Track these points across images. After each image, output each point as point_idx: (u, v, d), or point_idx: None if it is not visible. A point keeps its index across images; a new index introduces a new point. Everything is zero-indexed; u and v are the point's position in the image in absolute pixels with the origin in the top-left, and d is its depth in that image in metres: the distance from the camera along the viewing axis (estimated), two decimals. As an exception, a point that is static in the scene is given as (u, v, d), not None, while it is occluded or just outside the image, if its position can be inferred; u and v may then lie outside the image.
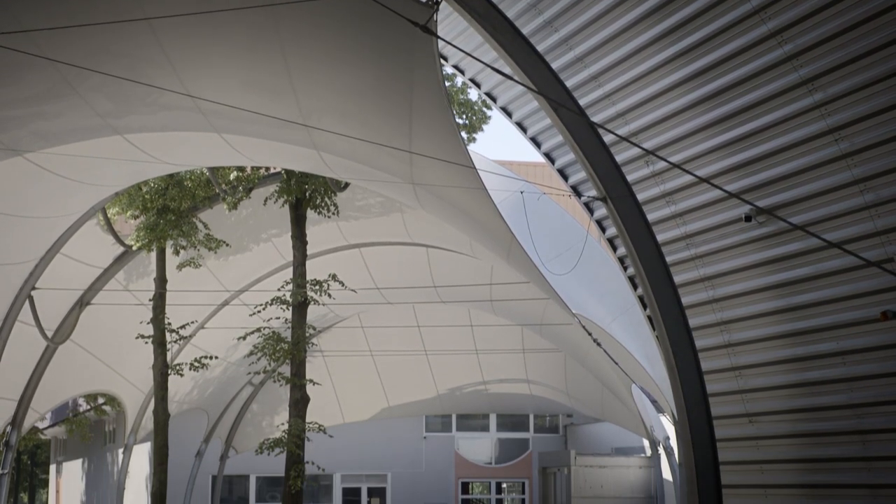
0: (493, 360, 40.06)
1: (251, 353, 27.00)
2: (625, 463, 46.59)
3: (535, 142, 19.62)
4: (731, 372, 16.37)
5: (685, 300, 16.02)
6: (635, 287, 18.58)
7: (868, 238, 13.74)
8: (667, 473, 31.61)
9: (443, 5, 12.85)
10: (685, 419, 15.47)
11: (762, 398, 16.04)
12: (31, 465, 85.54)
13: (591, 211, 18.71)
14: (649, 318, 17.64)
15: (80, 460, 62.09)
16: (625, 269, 18.89)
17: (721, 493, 15.26)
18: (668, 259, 15.96)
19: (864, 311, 14.05)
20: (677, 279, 16.03)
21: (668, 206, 16.51)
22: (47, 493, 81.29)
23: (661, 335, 15.60)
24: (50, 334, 26.57)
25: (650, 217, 16.07)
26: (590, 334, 27.74)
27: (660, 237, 16.10)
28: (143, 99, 17.08)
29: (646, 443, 35.89)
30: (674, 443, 29.12)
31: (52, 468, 72.19)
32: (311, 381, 26.16)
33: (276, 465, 29.07)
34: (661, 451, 30.56)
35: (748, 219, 15.25)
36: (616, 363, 28.08)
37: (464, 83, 26.01)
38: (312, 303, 26.20)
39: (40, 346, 26.69)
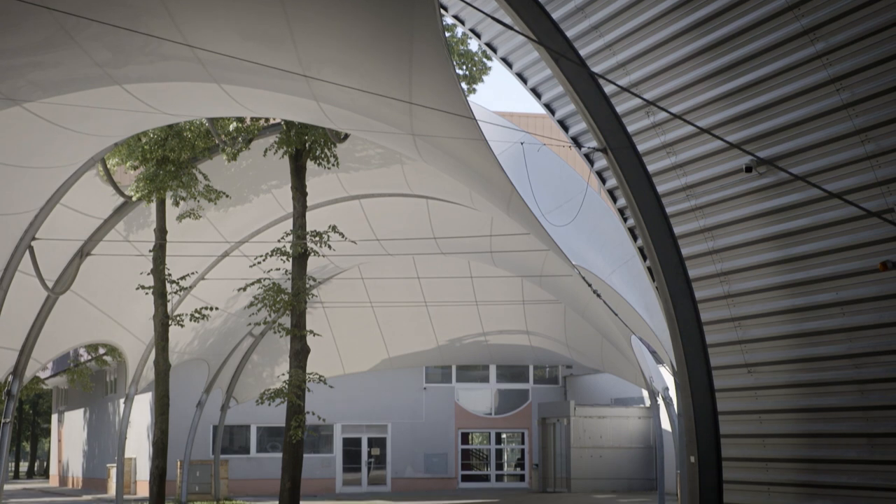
0: (492, 311, 40.13)
1: (251, 305, 27.05)
2: (624, 413, 46.84)
3: (536, 93, 19.56)
4: (730, 323, 16.42)
5: (685, 251, 16.03)
6: (635, 238, 18.60)
7: (868, 188, 13.73)
8: (666, 424, 31.77)
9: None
10: (684, 370, 15.52)
11: (761, 348, 16.10)
12: (33, 415, 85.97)
13: (591, 162, 18.69)
14: (649, 269, 17.67)
15: (81, 410, 62.40)
16: (625, 220, 18.90)
17: (720, 442, 15.34)
18: (668, 210, 15.95)
19: (864, 261, 14.06)
20: (677, 230, 16.04)
21: (669, 157, 16.49)
22: (49, 442, 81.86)
23: (661, 286, 15.62)
24: (50, 285, 26.61)
25: (650, 168, 16.05)
26: (589, 285, 27.78)
27: (660, 188, 16.09)
28: (142, 49, 17.01)
29: (645, 393, 36.03)
30: (673, 393, 29.22)
31: (54, 418, 72.57)
32: (311, 332, 26.22)
33: (276, 415, 29.24)
34: (660, 401, 30.68)
35: (748, 169, 15.23)
36: (615, 314, 28.13)
37: (464, 34, 25.89)
38: (312, 254, 26.22)
39: (41, 297, 26.74)
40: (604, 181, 18.91)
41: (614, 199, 18.95)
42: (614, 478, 45.32)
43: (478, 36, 19.94)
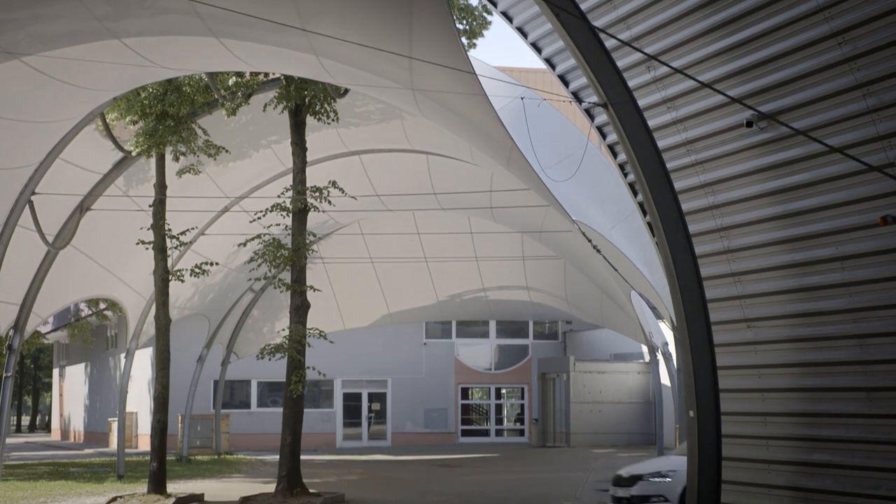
0: (492, 267, 40.18)
1: (251, 260, 27.08)
2: (623, 368, 47.01)
3: (536, 47, 19.47)
4: (729, 278, 16.43)
5: (685, 206, 16.01)
6: (635, 194, 18.58)
7: (869, 143, 13.70)
8: (665, 379, 31.89)
9: None
10: (684, 325, 15.54)
11: (761, 303, 16.12)
12: (35, 369, 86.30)
13: (591, 117, 18.64)
14: (649, 224, 17.66)
15: (82, 364, 62.62)
16: (625, 175, 18.87)
17: (719, 397, 15.39)
18: (669, 165, 15.92)
19: (864, 216, 14.05)
20: (677, 185, 16.01)
21: (670, 112, 16.44)
22: (50, 396, 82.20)
23: (661, 241, 15.61)
24: (51, 239, 26.62)
25: (651, 123, 16.01)
26: (589, 241, 27.80)
27: (660, 143, 16.05)
28: (141, 2, 16.93)
29: (644, 349, 36.16)
30: (672, 348, 29.33)
31: (55, 372, 72.87)
32: (311, 287, 26.26)
33: (277, 370, 29.33)
34: (660, 356, 30.80)
35: (749, 124, 15.19)
36: (615, 270, 28.17)
37: (464, -13, 25.73)
38: (312, 209, 26.21)
39: (41, 251, 26.76)
40: (604, 136, 18.87)
41: (615, 155, 18.92)
42: (613, 432, 45.55)
43: (478, -10, 19.81)
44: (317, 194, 25.80)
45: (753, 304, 16.19)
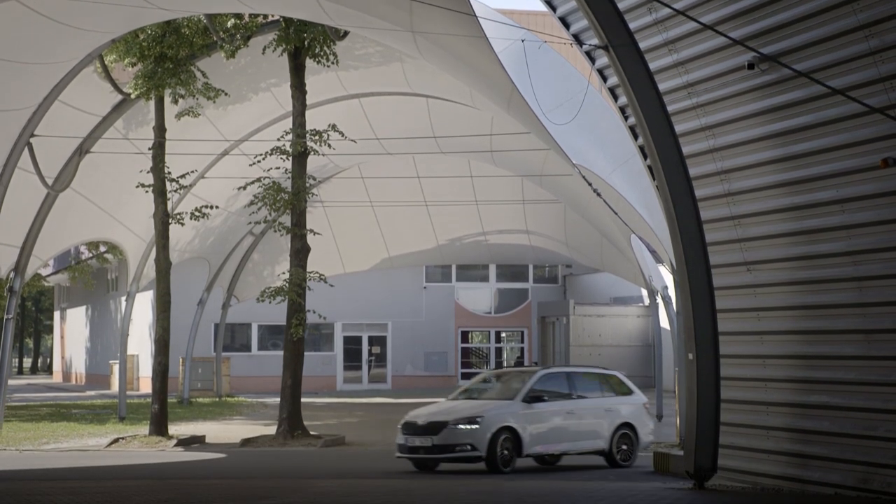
0: (493, 210, 40.16)
1: (251, 203, 27.07)
2: (623, 312, 47.12)
3: (537, -11, 19.32)
4: (729, 221, 16.42)
5: (686, 149, 15.96)
6: (636, 137, 18.52)
7: (871, 84, 13.63)
8: (664, 322, 31.92)
9: None
10: (684, 268, 15.56)
11: (760, 247, 16.12)
12: (36, 312, 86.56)
13: (592, 60, 18.54)
14: (649, 167, 17.62)
15: (83, 307, 62.76)
16: (625, 118, 18.81)
17: (718, 339, 15.44)
18: (670, 108, 15.85)
19: (865, 158, 14.01)
20: (678, 128, 15.95)
21: (670, 55, 16.35)
22: (52, 339, 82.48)
23: (661, 184, 15.59)
24: (50, 182, 26.59)
25: (652, 66, 15.91)
26: (590, 185, 27.74)
27: (661, 86, 15.97)
28: (139, -58, 16.79)
29: (644, 292, 36.19)
30: (672, 292, 29.32)
31: (56, 315, 73.07)
32: (311, 231, 26.27)
33: (277, 313, 29.40)
34: (659, 300, 30.81)
35: (751, 66, 15.11)
36: (615, 213, 28.14)
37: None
38: (312, 153, 26.16)
39: (41, 194, 26.75)
40: (605, 79, 18.77)
41: (615, 98, 18.83)
42: (613, 376, 45.65)
43: (479, -70, 19.63)
44: (316, 137, 25.74)
45: (753, 248, 16.19)
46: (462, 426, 19.22)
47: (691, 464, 15.60)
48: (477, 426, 19.16)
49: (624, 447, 20.73)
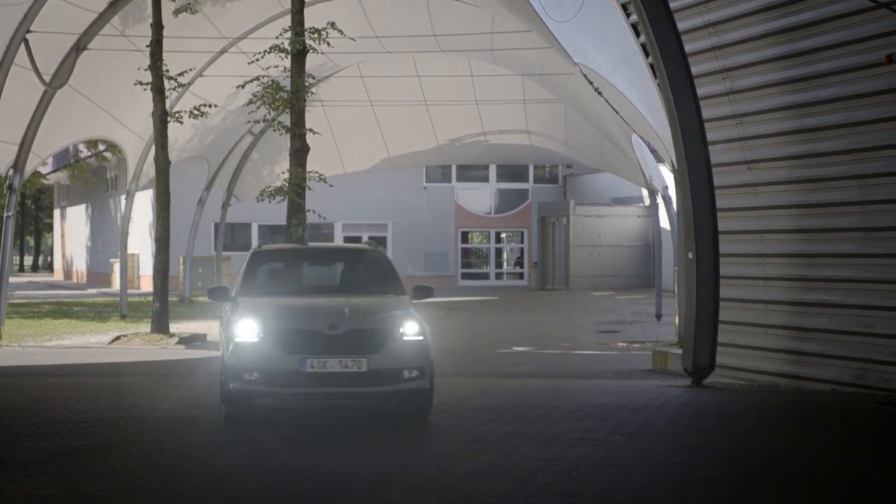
0: (493, 110, 39.92)
1: (250, 102, 26.91)
2: (623, 212, 47.17)
3: None
4: (731, 119, 16.35)
5: (688, 47, 15.84)
6: (637, 35, 18.37)
7: (877, -20, 13.49)
8: (664, 222, 31.92)
9: None
10: (684, 167, 15.53)
11: (762, 145, 16.08)
12: (36, 210, 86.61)
13: (594, -45, 18.32)
14: (651, 66, 17.50)
15: (83, 206, 62.82)
16: (627, 16, 18.64)
17: (718, 239, 15.47)
18: (672, 5, 15.71)
19: (869, 55, 13.91)
20: (680, 26, 15.81)
21: (674, -53, 16.16)
22: (52, 237, 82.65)
23: (663, 83, 15.50)
24: (47, 79, 26.40)
25: (655, -40, 15.72)
26: (591, 83, 27.56)
27: (664, -18, 15.80)
28: None
29: (644, 192, 36.20)
30: (672, 192, 29.29)
31: (56, 213, 73.14)
32: (310, 130, 26.15)
33: (277, 213, 29.36)
34: (660, 200, 30.79)
35: (755, -39, 14.94)
36: (616, 112, 27.99)
37: None
38: (311, 51, 25.94)
39: (38, 91, 26.56)
40: (607, -25, 18.58)
41: (617, -6, 18.65)
42: (612, 276, 45.91)
43: None
44: (315, 36, 25.51)
45: (754, 146, 16.14)
46: None
47: (690, 362, 15.73)
48: None
49: None
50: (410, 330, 12.04)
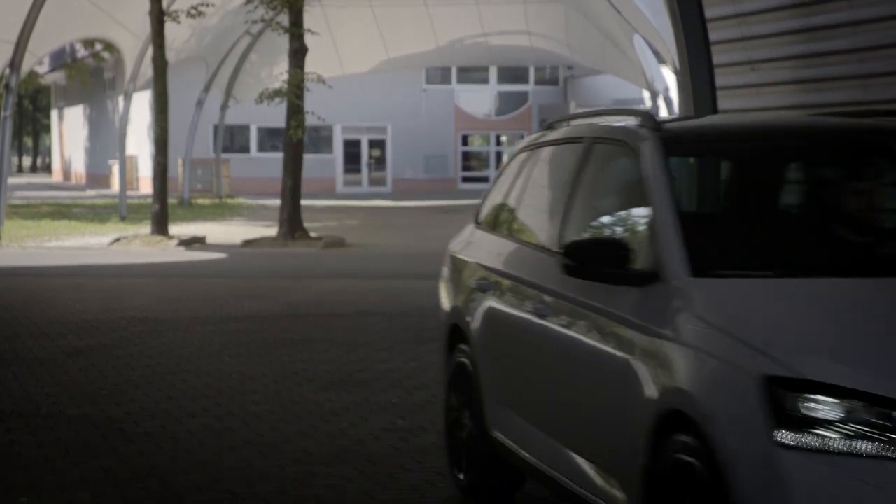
0: (493, 10, 39.50)
1: (248, 2, 26.64)
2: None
3: None
4: (734, 19, 16.16)
5: (692, -56, 15.61)
6: (641, -69, 18.11)
7: None
8: (665, 125, 31.83)
9: None
10: (686, 67, 15.39)
11: (765, 45, 15.90)
12: (33, 110, 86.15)
13: None
14: (654, -37, 17.27)
15: (81, 106, 62.47)
16: (631, -88, 18.36)
17: (718, 139, 15.36)
18: None
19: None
20: (685, -78, 15.57)
21: None
22: (50, 138, 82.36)
23: (666, -20, 15.30)
24: (43, -23, 26.09)
25: None
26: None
27: None
28: None
29: (646, 94, 35.94)
30: (673, 93, 29.13)
31: (54, 114, 72.77)
32: (309, 30, 25.91)
33: (276, 115, 29.27)
34: (661, 102, 30.65)
35: None
36: (618, 12, 27.74)
37: None
38: (309, -52, 25.63)
39: (34, -10, 26.27)
40: None
41: None
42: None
43: None
44: (314, -67, 25.18)
45: (757, 46, 15.97)
46: None
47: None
48: None
49: None
50: None
